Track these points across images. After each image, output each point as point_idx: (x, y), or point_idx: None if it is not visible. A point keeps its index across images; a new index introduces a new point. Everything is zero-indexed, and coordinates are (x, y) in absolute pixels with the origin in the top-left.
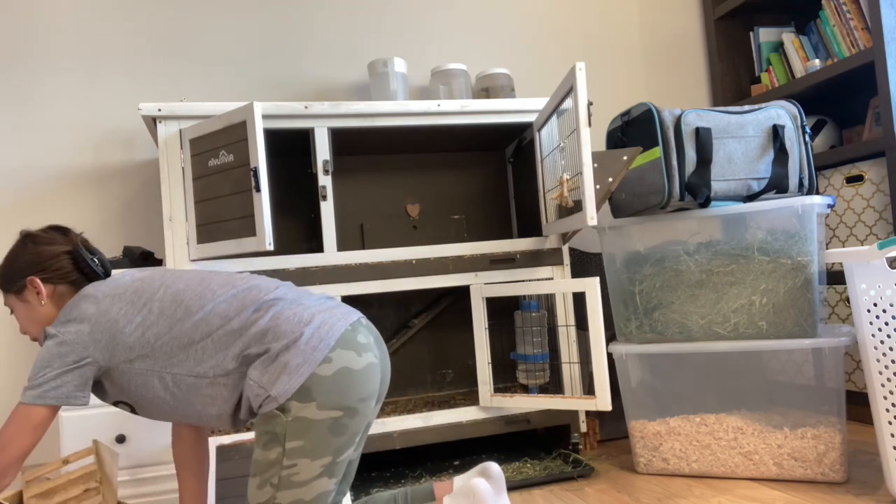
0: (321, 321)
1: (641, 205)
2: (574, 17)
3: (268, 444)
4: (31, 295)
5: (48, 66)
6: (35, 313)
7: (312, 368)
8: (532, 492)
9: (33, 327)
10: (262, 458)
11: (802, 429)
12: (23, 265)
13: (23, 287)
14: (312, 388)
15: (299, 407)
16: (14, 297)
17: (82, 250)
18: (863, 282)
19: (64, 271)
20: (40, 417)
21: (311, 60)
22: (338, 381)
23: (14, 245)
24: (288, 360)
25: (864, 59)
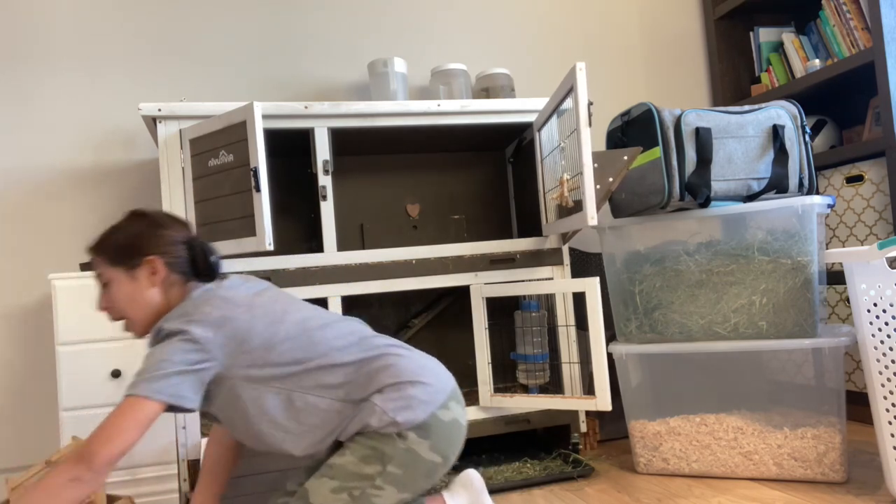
0: (439, 371)
1: (641, 205)
2: (574, 17)
3: (367, 458)
4: (144, 275)
5: (48, 66)
6: (140, 295)
7: (434, 409)
8: (532, 492)
9: (132, 309)
10: (354, 468)
11: (802, 429)
12: (145, 243)
13: (138, 264)
14: (432, 427)
15: (416, 440)
16: (122, 272)
17: (203, 245)
18: (863, 282)
19: (181, 261)
20: (151, 412)
21: (311, 60)
22: (450, 430)
23: (126, 221)
24: (415, 394)
25: (864, 59)
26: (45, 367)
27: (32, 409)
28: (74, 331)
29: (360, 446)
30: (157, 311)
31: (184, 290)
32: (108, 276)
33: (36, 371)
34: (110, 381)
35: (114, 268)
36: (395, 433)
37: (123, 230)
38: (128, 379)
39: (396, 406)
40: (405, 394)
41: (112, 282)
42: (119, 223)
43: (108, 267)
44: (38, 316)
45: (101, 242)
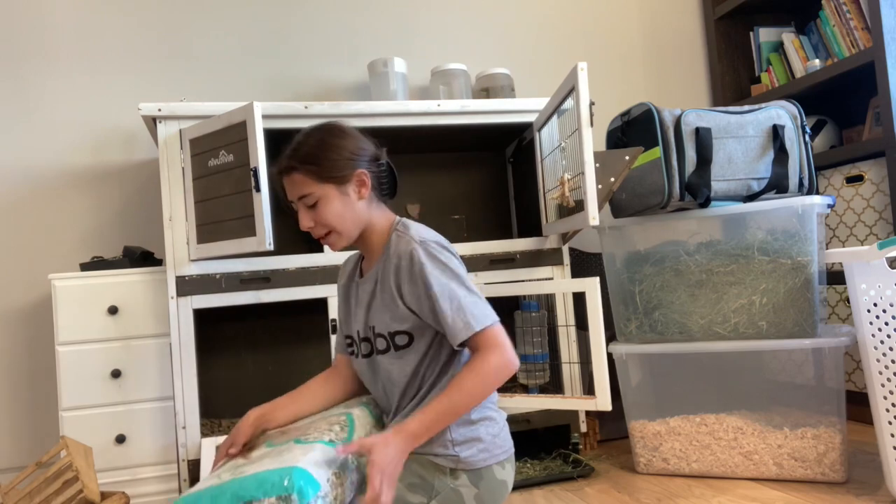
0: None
1: (641, 205)
2: (574, 17)
3: (414, 487)
4: (353, 189)
5: (48, 67)
6: (350, 210)
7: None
8: (532, 492)
9: (341, 223)
10: (399, 492)
11: (802, 429)
12: (353, 155)
13: (348, 178)
14: (485, 478)
15: (466, 484)
16: (332, 187)
17: (390, 163)
18: (863, 282)
19: (376, 176)
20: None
21: (311, 60)
22: (498, 489)
23: (323, 133)
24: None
25: (864, 59)
26: (45, 367)
27: (32, 409)
28: (74, 331)
29: (410, 472)
30: (364, 224)
31: (379, 207)
32: (318, 194)
33: (36, 371)
34: (110, 381)
35: (322, 184)
36: (449, 470)
37: (327, 144)
38: (128, 379)
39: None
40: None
41: (321, 199)
42: (317, 137)
43: (316, 183)
44: (38, 316)
45: (303, 158)
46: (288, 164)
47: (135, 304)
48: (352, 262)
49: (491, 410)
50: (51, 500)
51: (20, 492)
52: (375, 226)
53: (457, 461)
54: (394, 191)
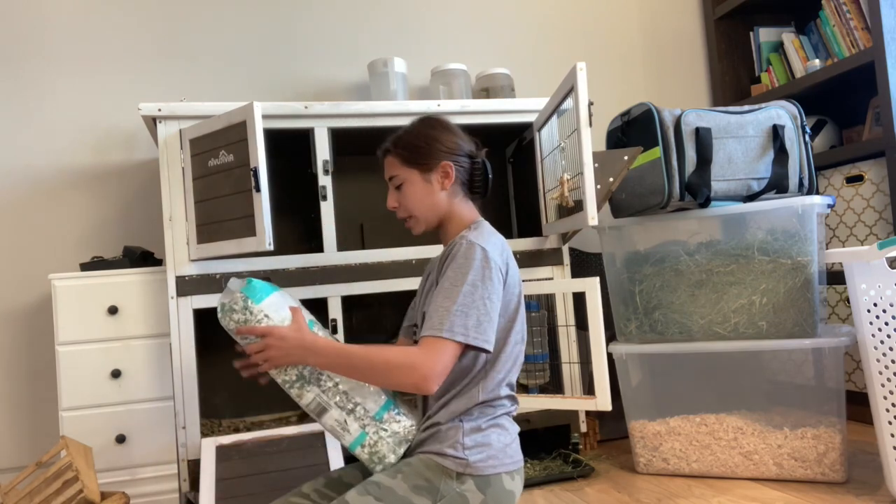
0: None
1: (641, 205)
2: (574, 17)
3: (419, 489)
4: (437, 178)
5: (48, 66)
6: (430, 198)
7: (502, 470)
8: (532, 492)
9: (421, 209)
10: (403, 494)
11: (802, 429)
12: (443, 147)
13: (433, 167)
14: (492, 486)
15: (473, 490)
16: (417, 173)
17: (486, 161)
18: (863, 282)
19: (467, 172)
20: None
21: (311, 60)
22: (505, 499)
23: (420, 124)
24: (492, 442)
25: (864, 59)
26: (45, 367)
27: (32, 409)
28: (74, 331)
29: (415, 474)
30: (442, 214)
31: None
32: (403, 176)
33: (36, 371)
34: (110, 381)
35: (408, 168)
36: (455, 474)
37: (421, 133)
38: (128, 379)
39: (475, 444)
40: (485, 436)
41: (406, 182)
42: (415, 126)
43: (403, 167)
44: (38, 316)
45: (397, 142)
46: (386, 147)
47: (135, 304)
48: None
49: (505, 419)
50: (51, 500)
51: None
52: (454, 218)
53: (465, 465)
54: (485, 190)
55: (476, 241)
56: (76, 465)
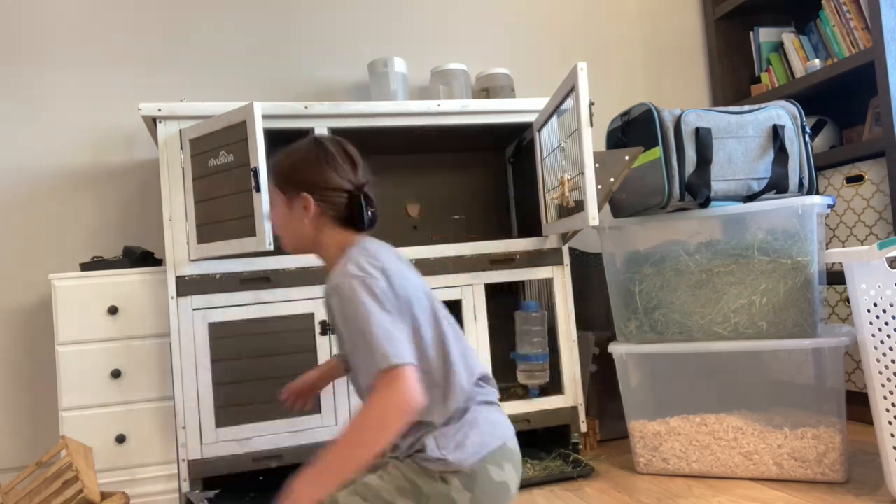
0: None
1: (641, 205)
2: (574, 17)
3: (404, 491)
4: (298, 207)
5: (48, 66)
6: (293, 223)
7: (485, 452)
8: (532, 492)
9: (283, 231)
10: (388, 496)
11: (802, 429)
12: (305, 178)
13: (295, 195)
14: (479, 480)
15: (459, 489)
16: (281, 196)
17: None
18: (863, 282)
19: (337, 206)
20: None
21: (311, 60)
22: (497, 492)
23: (306, 147)
24: (469, 435)
25: (864, 59)
26: (45, 367)
27: (32, 409)
28: (74, 331)
29: (400, 475)
30: (309, 243)
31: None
32: (272, 195)
33: (36, 371)
34: (110, 381)
35: (275, 188)
36: (438, 475)
37: (293, 159)
38: (128, 379)
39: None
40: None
41: (272, 201)
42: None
43: (272, 185)
44: (38, 316)
45: (277, 159)
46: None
47: (135, 304)
48: None
49: (478, 408)
50: (51, 500)
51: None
52: (324, 247)
53: (445, 464)
54: (362, 224)
55: (346, 276)
56: (76, 465)
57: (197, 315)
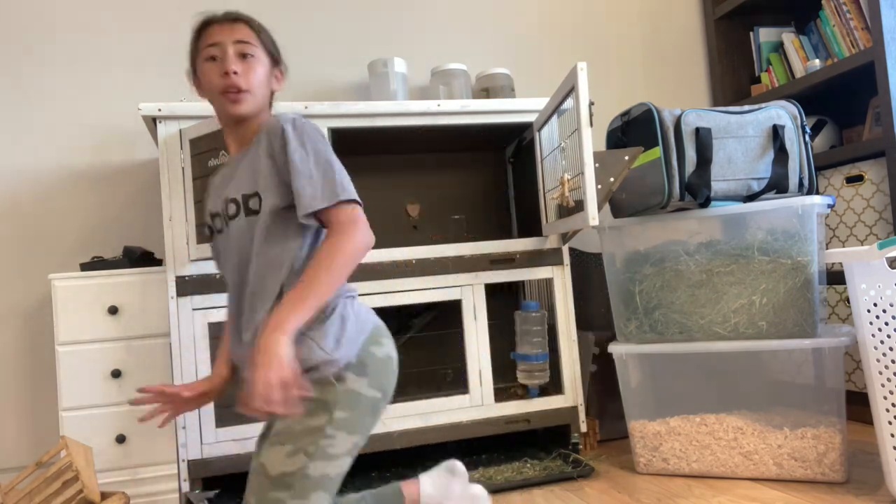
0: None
1: (641, 205)
2: (574, 17)
3: (311, 412)
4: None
5: (48, 66)
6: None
7: (364, 336)
8: (532, 492)
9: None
10: (302, 425)
11: (802, 429)
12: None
13: (277, 62)
14: (367, 364)
15: (354, 379)
16: (268, 59)
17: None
18: (863, 282)
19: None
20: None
21: (311, 60)
22: (385, 364)
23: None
24: (342, 324)
25: (864, 59)
26: (45, 367)
27: (32, 409)
28: (74, 331)
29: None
30: (259, 112)
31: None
32: (256, 52)
33: (36, 371)
34: (110, 381)
35: (263, 49)
36: (334, 378)
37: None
38: (128, 379)
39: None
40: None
41: (257, 59)
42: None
43: (259, 44)
44: (38, 316)
45: (253, 21)
46: (238, 16)
47: (135, 304)
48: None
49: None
50: (51, 500)
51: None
52: (263, 117)
53: (334, 364)
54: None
55: (296, 117)
56: (76, 465)
57: (197, 315)
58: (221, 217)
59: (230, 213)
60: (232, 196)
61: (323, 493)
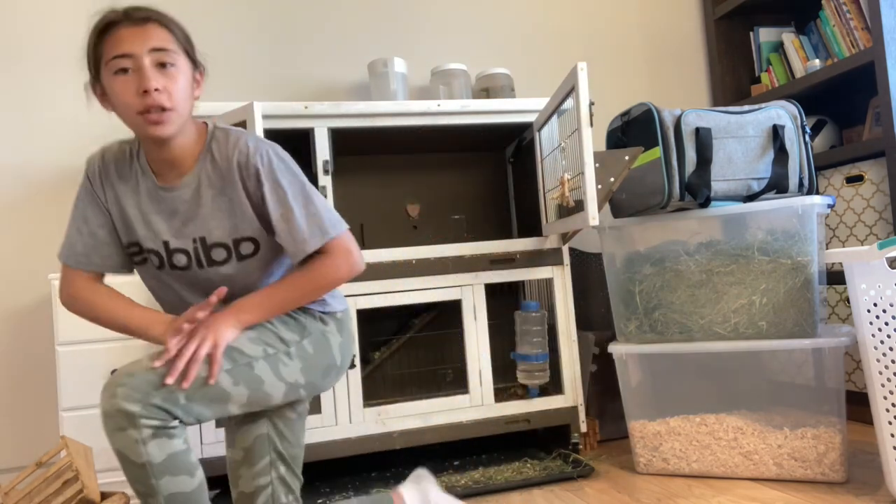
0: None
1: (641, 205)
2: (574, 17)
3: (288, 325)
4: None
5: (48, 66)
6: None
7: (346, 307)
8: (532, 492)
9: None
10: (275, 329)
11: (802, 429)
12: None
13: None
14: (345, 327)
15: (334, 332)
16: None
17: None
18: (863, 282)
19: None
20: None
21: (311, 60)
22: (351, 343)
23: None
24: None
25: (864, 59)
26: (45, 367)
27: (32, 409)
28: (74, 331)
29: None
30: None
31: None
32: (176, 59)
33: (36, 371)
34: None
35: (185, 57)
36: (320, 315)
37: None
38: None
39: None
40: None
41: (178, 67)
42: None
43: (181, 52)
44: (37, 316)
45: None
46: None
47: None
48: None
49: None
50: (51, 500)
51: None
52: (189, 128)
53: (325, 305)
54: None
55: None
56: (76, 465)
57: None
58: (186, 255)
59: (215, 258)
60: (217, 240)
61: (247, 392)
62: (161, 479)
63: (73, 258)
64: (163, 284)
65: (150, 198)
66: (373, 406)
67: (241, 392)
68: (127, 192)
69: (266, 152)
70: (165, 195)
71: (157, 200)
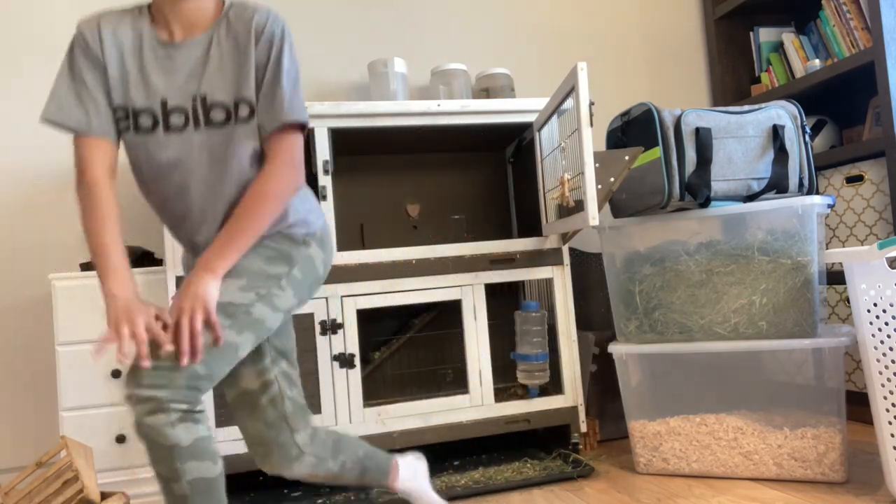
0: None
1: (641, 205)
2: (574, 17)
3: (274, 260)
4: None
5: (48, 66)
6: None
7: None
8: (532, 492)
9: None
10: (261, 269)
11: (802, 429)
12: None
13: None
14: (326, 243)
15: (316, 250)
16: None
17: None
18: (863, 282)
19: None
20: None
21: (311, 60)
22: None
23: None
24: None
25: (864, 59)
26: (45, 367)
27: (32, 409)
28: (74, 331)
29: (266, 249)
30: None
31: None
32: None
33: (36, 371)
34: (110, 381)
35: None
36: (302, 239)
37: None
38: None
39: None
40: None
41: None
42: None
43: None
44: (37, 316)
45: None
46: None
47: None
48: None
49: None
50: (51, 500)
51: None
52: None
53: (307, 224)
54: None
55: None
56: (76, 465)
57: None
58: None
59: (213, 118)
60: (219, 99)
61: (253, 335)
62: (186, 462)
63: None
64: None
65: (153, 54)
66: (373, 406)
67: (247, 337)
68: (127, 49)
69: (284, 26)
70: (171, 52)
71: (161, 58)
